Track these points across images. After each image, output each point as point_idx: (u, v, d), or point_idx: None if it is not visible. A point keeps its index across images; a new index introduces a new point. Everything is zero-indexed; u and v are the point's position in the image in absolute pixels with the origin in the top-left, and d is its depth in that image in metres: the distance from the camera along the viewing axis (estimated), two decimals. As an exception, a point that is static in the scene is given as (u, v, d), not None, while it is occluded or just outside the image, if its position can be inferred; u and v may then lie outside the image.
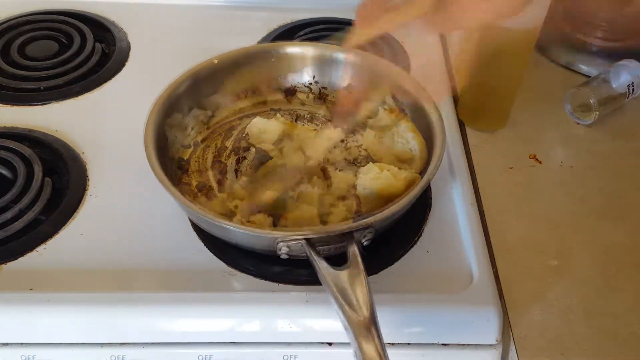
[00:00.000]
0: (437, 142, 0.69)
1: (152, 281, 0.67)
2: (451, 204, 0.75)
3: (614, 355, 0.63)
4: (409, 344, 0.64)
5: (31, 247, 0.69)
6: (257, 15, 1.05)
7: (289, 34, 1.00)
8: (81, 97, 0.88)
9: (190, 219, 0.71)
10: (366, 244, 0.64)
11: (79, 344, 0.63)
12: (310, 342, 0.64)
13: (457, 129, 0.84)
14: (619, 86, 0.86)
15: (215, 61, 0.79)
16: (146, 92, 0.74)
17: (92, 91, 0.89)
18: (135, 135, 0.69)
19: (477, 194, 0.76)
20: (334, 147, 0.78)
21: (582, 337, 0.64)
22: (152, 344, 0.63)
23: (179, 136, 0.77)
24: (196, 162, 0.76)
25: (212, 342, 0.64)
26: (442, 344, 0.64)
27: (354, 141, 0.79)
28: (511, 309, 0.66)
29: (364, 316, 0.54)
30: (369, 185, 0.69)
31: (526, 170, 0.81)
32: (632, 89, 0.87)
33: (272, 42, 0.97)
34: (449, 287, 0.66)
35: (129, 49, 0.97)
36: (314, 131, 0.80)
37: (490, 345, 0.64)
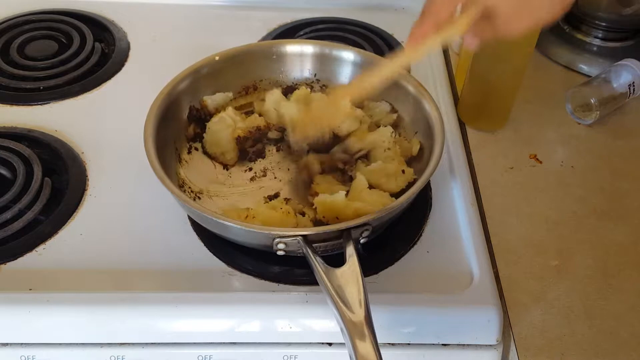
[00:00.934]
0: (437, 141, 0.70)
1: (152, 281, 0.67)
2: (451, 204, 0.75)
3: (614, 355, 0.63)
4: (409, 344, 0.64)
5: (31, 247, 0.69)
6: (257, 15, 1.05)
7: (289, 33, 1.00)
8: (81, 97, 0.88)
9: (190, 218, 0.71)
10: (363, 241, 0.64)
11: (79, 344, 0.63)
12: (310, 342, 0.64)
13: (458, 128, 0.84)
14: (619, 86, 0.86)
15: (216, 58, 0.79)
16: (146, 92, 0.74)
17: (92, 91, 0.89)
18: (135, 134, 0.69)
19: (477, 194, 0.76)
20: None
21: (582, 337, 0.64)
22: (152, 344, 0.63)
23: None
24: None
25: (212, 342, 0.64)
26: (442, 344, 0.64)
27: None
28: (511, 309, 0.65)
29: (359, 315, 0.54)
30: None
31: (526, 170, 0.81)
32: (633, 89, 0.86)
33: (273, 40, 0.97)
34: (449, 287, 0.66)
35: (129, 48, 0.97)
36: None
37: (490, 345, 0.64)
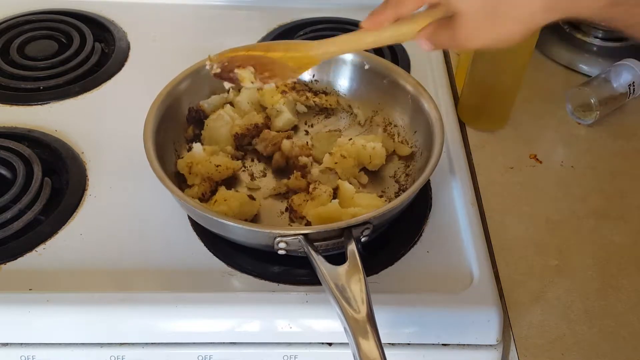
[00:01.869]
0: (436, 140, 0.70)
1: (152, 281, 0.67)
2: (451, 204, 0.75)
3: (613, 355, 0.63)
4: (409, 344, 0.64)
5: (30, 247, 0.69)
6: (257, 15, 1.05)
7: (289, 33, 1.00)
8: (81, 97, 0.88)
9: (190, 218, 0.71)
10: (364, 240, 0.64)
11: (79, 344, 0.63)
12: (310, 342, 0.64)
13: (458, 128, 0.84)
14: (619, 86, 0.86)
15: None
16: (145, 92, 0.74)
17: (92, 91, 0.89)
18: (134, 134, 0.69)
19: (477, 194, 0.76)
20: None
21: (582, 337, 0.64)
22: (152, 344, 0.63)
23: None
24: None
25: (212, 342, 0.64)
26: (442, 344, 0.64)
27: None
28: (511, 309, 0.65)
29: (362, 313, 0.54)
30: None
31: (526, 170, 0.81)
32: (633, 89, 0.86)
33: (272, 41, 0.97)
34: (449, 287, 0.66)
35: (129, 48, 0.97)
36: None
37: (490, 345, 0.64)
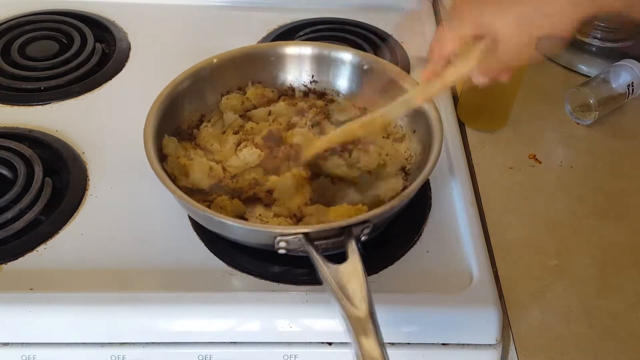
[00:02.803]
0: (435, 140, 0.69)
1: (152, 281, 0.67)
2: (451, 204, 0.75)
3: (614, 355, 0.63)
4: (409, 343, 0.64)
5: (31, 247, 0.69)
6: (257, 15, 1.05)
7: (289, 34, 1.00)
8: (81, 97, 0.88)
9: (190, 218, 0.71)
10: (364, 239, 0.63)
11: (79, 344, 0.63)
12: (310, 342, 0.64)
13: (457, 129, 0.84)
14: (618, 86, 0.86)
15: (214, 60, 0.79)
16: (146, 92, 0.74)
17: (93, 91, 0.89)
18: (135, 135, 0.69)
19: (477, 194, 0.76)
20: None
21: (582, 337, 0.64)
22: (152, 344, 0.63)
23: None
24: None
25: (212, 342, 0.64)
26: (442, 344, 0.64)
27: None
28: (511, 309, 0.66)
29: (363, 311, 0.54)
30: None
31: (526, 170, 0.81)
32: (632, 89, 0.87)
33: (272, 42, 0.97)
34: (449, 287, 0.66)
35: (129, 49, 0.97)
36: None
37: (490, 345, 0.64)
